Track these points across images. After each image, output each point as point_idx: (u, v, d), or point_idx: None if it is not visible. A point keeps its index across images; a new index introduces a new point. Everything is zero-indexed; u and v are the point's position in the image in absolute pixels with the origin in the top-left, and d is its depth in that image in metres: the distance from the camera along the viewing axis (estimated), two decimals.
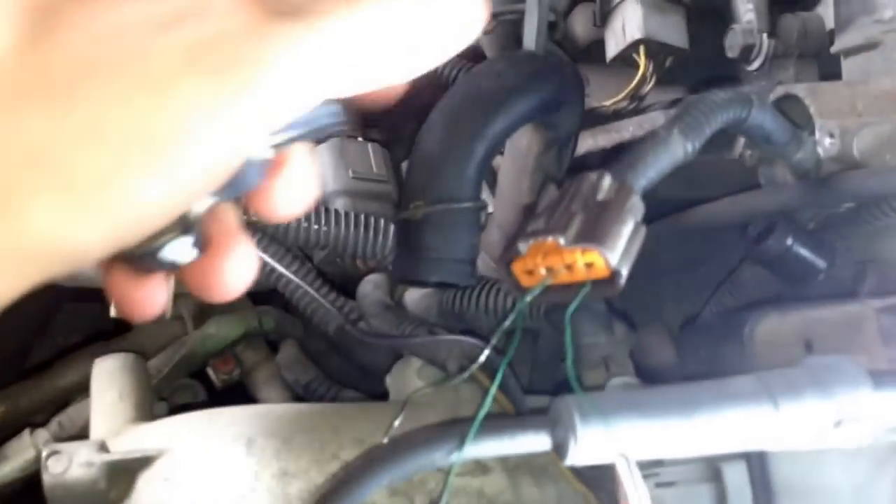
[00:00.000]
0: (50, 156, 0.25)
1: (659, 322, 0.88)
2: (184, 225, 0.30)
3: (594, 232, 0.49)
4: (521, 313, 0.54)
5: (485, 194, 0.91)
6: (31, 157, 0.25)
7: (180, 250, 0.31)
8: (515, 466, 0.70)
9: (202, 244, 0.31)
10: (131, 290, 0.32)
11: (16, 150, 0.25)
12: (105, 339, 1.06)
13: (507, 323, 0.54)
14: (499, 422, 0.59)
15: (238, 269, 0.33)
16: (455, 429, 0.58)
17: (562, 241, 0.50)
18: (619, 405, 0.58)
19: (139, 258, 0.30)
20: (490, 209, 0.87)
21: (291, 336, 1.07)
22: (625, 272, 0.50)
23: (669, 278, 0.94)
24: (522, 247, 0.51)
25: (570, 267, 0.51)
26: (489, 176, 0.91)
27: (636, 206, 0.52)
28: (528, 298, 0.53)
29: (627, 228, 0.50)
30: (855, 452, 0.70)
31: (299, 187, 0.33)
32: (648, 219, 0.53)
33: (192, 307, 1.02)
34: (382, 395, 0.84)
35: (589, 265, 0.50)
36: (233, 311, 1.04)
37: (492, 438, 0.57)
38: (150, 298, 0.33)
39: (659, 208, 0.75)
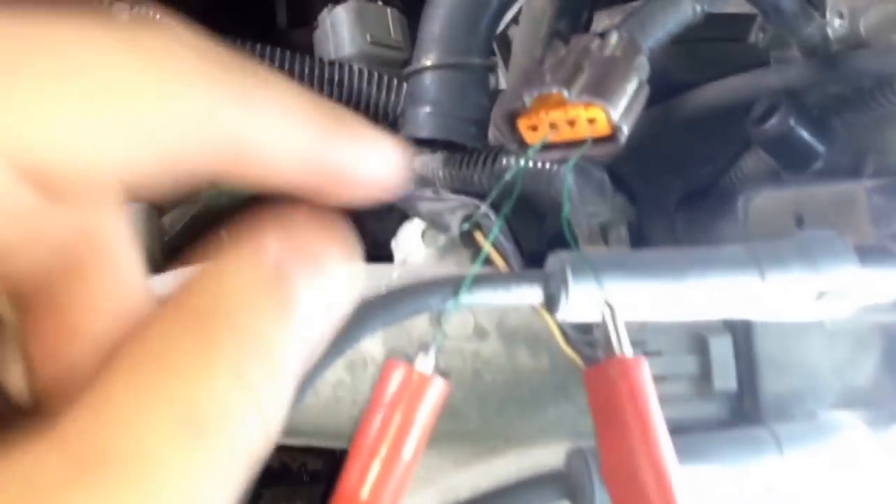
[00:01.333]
0: None
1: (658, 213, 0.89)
2: None
3: (599, 87, 0.51)
4: (522, 170, 0.55)
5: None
6: None
7: None
8: (512, 334, 0.72)
9: None
10: None
11: None
12: None
13: (508, 177, 0.55)
14: (494, 274, 0.61)
15: None
16: (450, 279, 0.60)
17: (566, 94, 0.51)
18: (612, 264, 0.60)
19: None
20: (503, 85, 0.87)
21: None
22: (626, 129, 0.51)
23: (671, 173, 0.94)
24: (527, 98, 0.52)
25: (572, 122, 0.52)
26: (503, 49, 0.91)
27: (642, 65, 0.53)
28: (531, 153, 0.54)
29: (632, 86, 0.52)
30: (837, 332, 0.72)
31: None
32: (657, 100, 0.54)
33: None
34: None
35: (591, 121, 0.52)
36: None
37: (486, 288, 0.59)
38: None
39: (668, 91, 0.76)
